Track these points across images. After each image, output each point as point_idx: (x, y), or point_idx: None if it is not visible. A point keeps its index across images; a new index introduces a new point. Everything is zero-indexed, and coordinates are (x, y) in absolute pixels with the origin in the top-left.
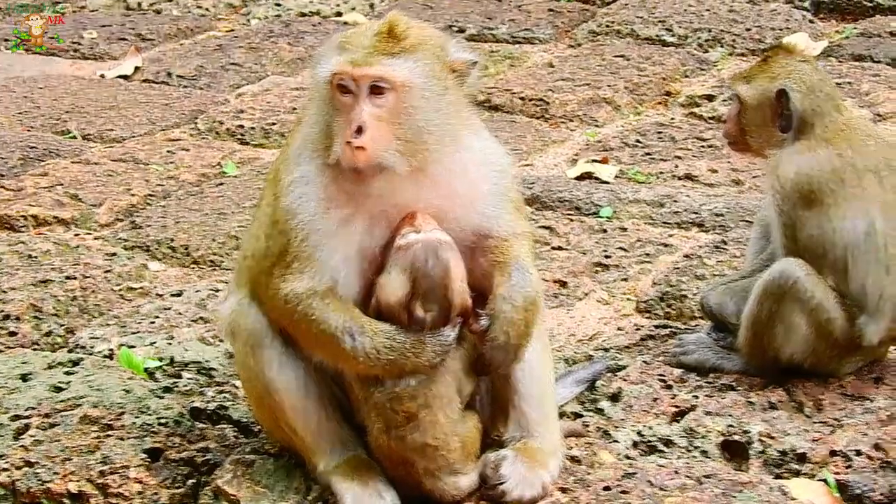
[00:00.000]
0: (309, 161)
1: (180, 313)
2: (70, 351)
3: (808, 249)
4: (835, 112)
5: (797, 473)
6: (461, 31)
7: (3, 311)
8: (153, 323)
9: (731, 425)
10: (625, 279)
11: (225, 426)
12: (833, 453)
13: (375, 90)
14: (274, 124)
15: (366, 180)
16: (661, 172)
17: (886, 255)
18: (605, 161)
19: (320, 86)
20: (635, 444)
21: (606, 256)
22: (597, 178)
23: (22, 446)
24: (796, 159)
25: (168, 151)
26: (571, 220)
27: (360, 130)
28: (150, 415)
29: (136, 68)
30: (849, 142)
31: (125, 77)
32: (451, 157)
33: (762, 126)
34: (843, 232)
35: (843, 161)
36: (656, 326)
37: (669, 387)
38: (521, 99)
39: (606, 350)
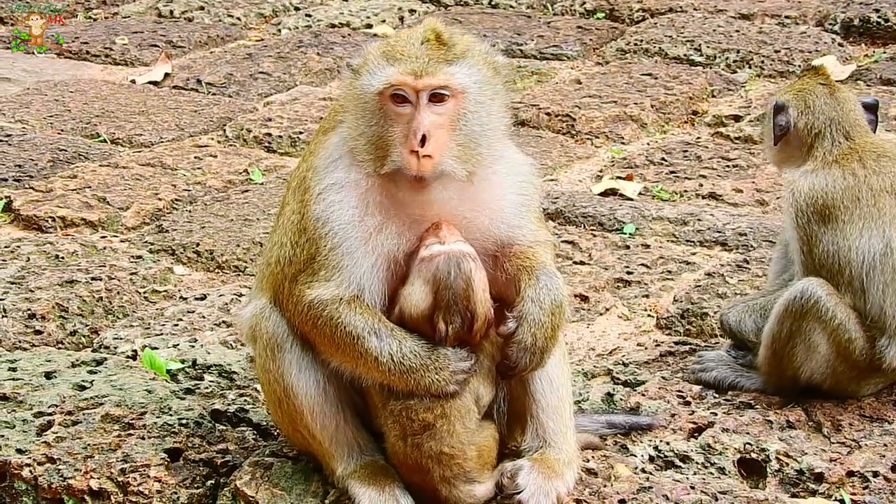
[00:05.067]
0: (345, 169)
1: (203, 317)
2: (94, 350)
3: (824, 266)
4: (841, 138)
5: (813, 493)
6: (490, 45)
7: (29, 309)
8: (176, 325)
9: (748, 443)
10: (646, 295)
11: (245, 429)
12: (850, 474)
13: (435, 98)
14: (301, 133)
15: (426, 188)
16: (686, 191)
17: None
18: (629, 178)
19: (367, 97)
20: (652, 459)
21: (628, 272)
22: (621, 195)
23: (45, 442)
24: (810, 176)
25: (196, 157)
26: (594, 236)
27: (423, 139)
28: (171, 415)
29: (167, 75)
30: (861, 163)
31: (155, 83)
32: (487, 166)
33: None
34: (859, 250)
35: (858, 180)
36: (676, 343)
37: (688, 403)
38: (548, 114)
39: (626, 365)
